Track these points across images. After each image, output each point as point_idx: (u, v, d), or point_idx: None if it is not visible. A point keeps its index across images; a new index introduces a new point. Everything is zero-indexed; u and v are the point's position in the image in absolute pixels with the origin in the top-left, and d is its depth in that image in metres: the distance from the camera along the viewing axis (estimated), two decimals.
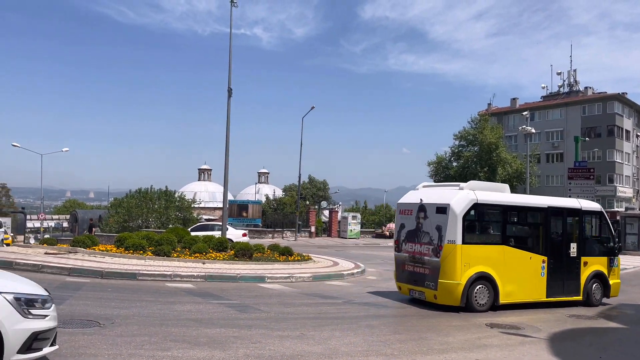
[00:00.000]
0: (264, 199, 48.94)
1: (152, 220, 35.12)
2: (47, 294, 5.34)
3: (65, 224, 50.83)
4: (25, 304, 4.92)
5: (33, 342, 4.88)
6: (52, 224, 42.90)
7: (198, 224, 28.12)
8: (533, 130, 30.97)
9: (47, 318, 5.10)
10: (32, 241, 25.11)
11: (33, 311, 4.96)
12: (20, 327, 4.78)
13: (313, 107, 38.74)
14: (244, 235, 25.61)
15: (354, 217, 43.39)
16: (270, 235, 38.11)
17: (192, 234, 20.35)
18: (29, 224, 34.82)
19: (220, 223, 25.58)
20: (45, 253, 16.34)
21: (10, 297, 4.83)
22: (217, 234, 20.99)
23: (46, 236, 25.08)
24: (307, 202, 47.81)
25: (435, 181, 52.78)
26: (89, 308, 8.52)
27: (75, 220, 42.96)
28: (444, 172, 49.87)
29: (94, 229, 33.18)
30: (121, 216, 35.13)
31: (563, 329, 9.23)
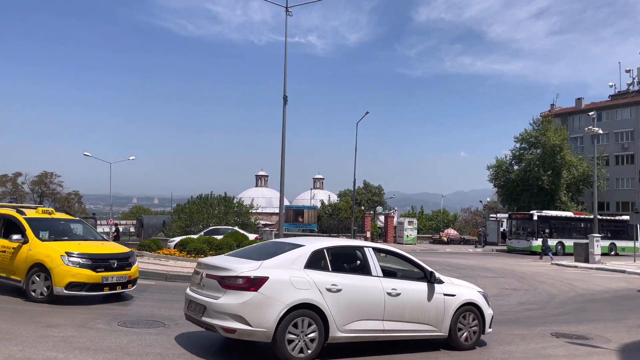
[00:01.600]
0: (319, 205, 49.29)
1: (212, 225, 36.24)
2: None
3: (132, 229, 53.35)
4: None
5: None
6: (120, 228, 45.09)
7: (208, 228, 28.88)
8: (600, 131, 29.32)
9: None
10: None
11: None
12: None
13: (367, 113, 38.67)
14: (256, 238, 25.67)
15: (410, 222, 42.80)
16: None
17: (204, 237, 20.58)
18: (99, 229, 36.86)
19: (227, 227, 27.71)
20: None
21: None
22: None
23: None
24: (362, 208, 47.69)
25: (495, 186, 51.19)
26: (154, 309, 8.93)
27: (141, 225, 44.97)
28: (504, 176, 48.28)
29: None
30: (183, 221, 36.51)
31: (635, 340, 8.69)
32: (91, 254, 9.19)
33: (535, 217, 33.39)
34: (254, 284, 5.69)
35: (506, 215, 40.06)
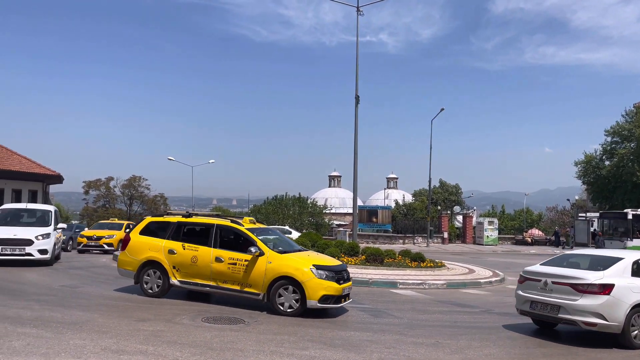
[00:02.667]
0: (393, 205, 48.71)
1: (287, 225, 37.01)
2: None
3: None
4: None
5: None
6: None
7: None
8: None
9: None
10: None
11: None
12: None
13: (442, 109, 37.71)
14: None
15: (490, 223, 41.17)
16: (400, 240, 37.79)
17: None
18: None
19: (277, 227, 27.08)
20: None
21: None
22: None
23: None
24: (439, 207, 46.54)
25: (583, 183, 47.97)
26: (234, 306, 9.24)
27: None
28: (594, 173, 45.05)
29: None
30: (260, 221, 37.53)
31: None
32: (330, 267, 9.19)
33: (629, 216, 30.91)
34: (605, 289, 7.51)
35: (597, 214, 37.41)
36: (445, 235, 40.04)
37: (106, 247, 21.32)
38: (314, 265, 8.92)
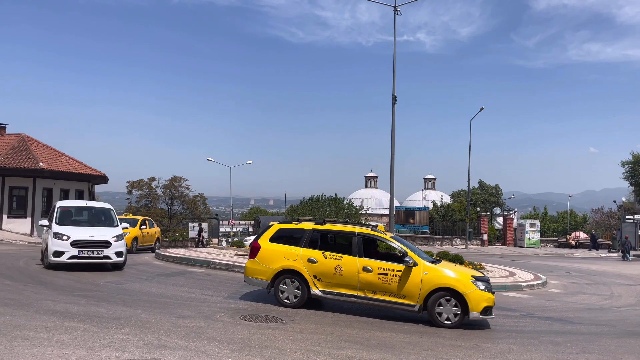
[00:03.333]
0: (430, 206, 48.08)
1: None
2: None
3: (250, 229, 56.52)
4: None
5: None
6: (239, 228, 48.03)
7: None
8: None
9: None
10: (224, 244, 28.57)
11: None
12: None
13: (482, 109, 36.95)
14: None
15: (532, 225, 40.03)
16: (438, 242, 37.25)
17: None
18: (222, 229, 39.55)
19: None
20: (235, 254, 18.39)
21: None
22: None
23: (235, 239, 28.35)
24: (478, 209, 45.62)
25: (631, 184, 46.01)
26: (272, 305, 9.35)
27: (259, 226, 47.35)
28: None
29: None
30: None
31: None
32: (485, 277, 9.12)
33: None
34: None
35: None
36: (485, 237, 39.21)
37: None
38: (473, 277, 8.79)
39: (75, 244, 12.64)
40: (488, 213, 46.17)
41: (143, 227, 22.60)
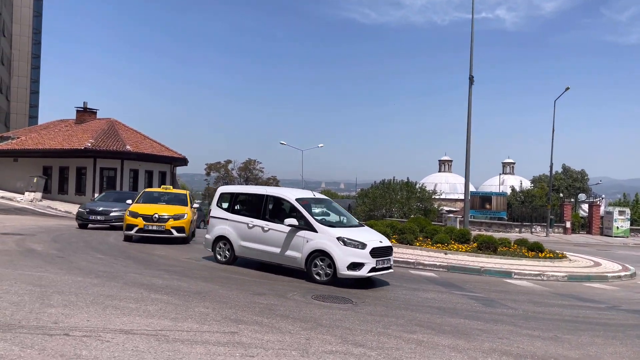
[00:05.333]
0: (509, 191, 46.10)
1: (394, 210, 36.79)
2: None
3: None
4: None
5: None
6: None
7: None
8: None
9: None
10: None
11: None
12: None
13: (568, 88, 34.66)
14: None
15: (621, 212, 37.28)
16: (516, 229, 35.73)
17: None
18: None
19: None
20: None
21: None
22: None
23: None
24: (561, 195, 43.17)
25: None
26: (343, 287, 9.46)
27: None
28: None
29: None
30: (367, 205, 37.70)
31: None
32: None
33: None
34: None
35: None
36: (568, 224, 37.06)
37: (175, 233, 14.78)
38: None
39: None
40: (572, 200, 43.54)
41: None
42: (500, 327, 7.25)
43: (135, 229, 14.55)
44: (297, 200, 10.46)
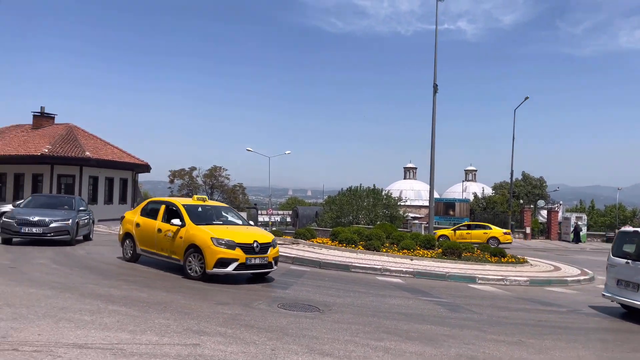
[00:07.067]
0: (471, 198, 47.08)
1: (361, 217, 36.91)
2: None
3: (288, 219, 56.91)
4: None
5: None
6: (277, 218, 48.44)
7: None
8: None
9: None
10: None
11: None
12: None
13: (527, 98, 35.78)
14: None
15: (578, 218, 38.60)
16: None
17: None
18: (260, 218, 40.01)
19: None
20: None
21: None
22: None
23: (273, 229, 28.57)
24: (521, 201, 44.33)
25: None
26: (310, 294, 9.33)
27: (296, 216, 47.65)
28: None
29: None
30: (334, 212, 37.69)
31: None
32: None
33: None
34: None
35: None
36: (528, 230, 38.09)
37: (274, 266, 10.85)
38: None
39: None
40: (531, 206, 44.78)
41: None
42: (466, 332, 7.26)
43: (235, 264, 9.98)
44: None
